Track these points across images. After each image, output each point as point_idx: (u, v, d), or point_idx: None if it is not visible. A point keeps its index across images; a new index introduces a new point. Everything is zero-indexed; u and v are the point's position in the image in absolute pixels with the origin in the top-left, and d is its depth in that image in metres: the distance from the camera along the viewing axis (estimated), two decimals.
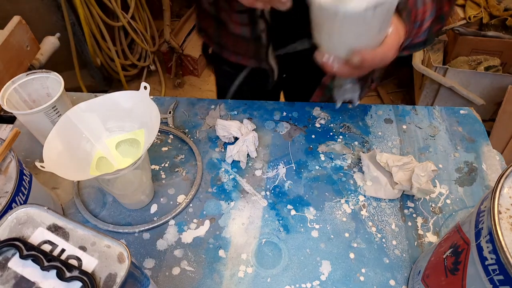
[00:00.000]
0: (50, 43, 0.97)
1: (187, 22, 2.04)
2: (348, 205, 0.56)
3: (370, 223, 0.54)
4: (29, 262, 0.29)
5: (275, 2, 0.38)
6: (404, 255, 0.51)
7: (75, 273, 0.28)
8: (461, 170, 0.61)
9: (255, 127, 0.65)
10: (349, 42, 0.39)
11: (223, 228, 0.54)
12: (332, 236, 0.53)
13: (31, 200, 0.47)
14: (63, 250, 0.30)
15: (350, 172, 0.60)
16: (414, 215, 0.55)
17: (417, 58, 1.61)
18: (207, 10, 0.67)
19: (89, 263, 0.29)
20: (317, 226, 0.54)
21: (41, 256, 0.29)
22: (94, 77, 1.78)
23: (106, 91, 1.39)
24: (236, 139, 0.63)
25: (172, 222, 0.55)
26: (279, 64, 0.67)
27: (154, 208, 0.57)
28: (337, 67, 0.41)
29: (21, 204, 0.44)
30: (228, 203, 0.57)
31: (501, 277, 0.30)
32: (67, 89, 0.59)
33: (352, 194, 0.58)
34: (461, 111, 0.69)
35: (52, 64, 0.88)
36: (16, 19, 0.79)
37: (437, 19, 0.49)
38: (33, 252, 0.29)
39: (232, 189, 0.58)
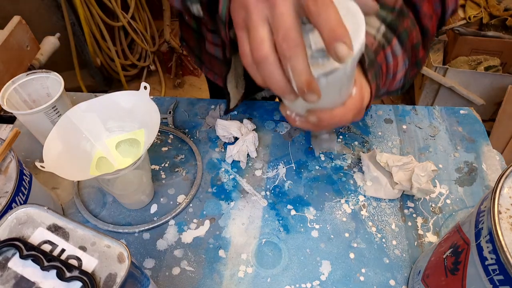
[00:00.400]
0: (50, 43, 0.97)
1: None
2: (348, 205, 0.56)
3: (370, 223, 0.54)
4: (29, 262, 0.29)
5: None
6: (404, 255, 0.52)
7: (75, 273, 0.28)
8: (461, 170, 0.61)
9: (255, 127, 0.65)
10: (306, 104, 0.38)
11: (223, 228, 0.54)
12: (332, 236, 0.53)
13: (31, 200, 0.47)
14: (63, 250, 0.30)
15: (350, 172, 0.60)
16: (414, 215, 0.55)
17: None
18: (189, 23, 0.64)
19: (89, 263, 0.29)
20: (317, 226, 0.54)
21: (41, 256, 0.29)
22: (94, 77, 1.78)
23: (106, 91, 1.39)
24: (236, 139, 0.63)
25: (172, 222, 0.55)
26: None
27: (154, 208, 0.57)
28: (299, 122, 0.41)
29: (21, 204, 0.44)
30: (228, 203, 0.57)
31: (501, 277, 0.30)
32: (67, 89, 0.59)
33: (352, 194, 0.58)
34: (461, 111, 0.69)
35: (52, 64, 0.88)
36: (16, 19, 0.79)
37: (412, 65, 0.48)
38: (33, 252, 0.29)
39: (232, 189, 0.58)
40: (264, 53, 0.30)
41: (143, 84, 0.49)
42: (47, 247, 0.30)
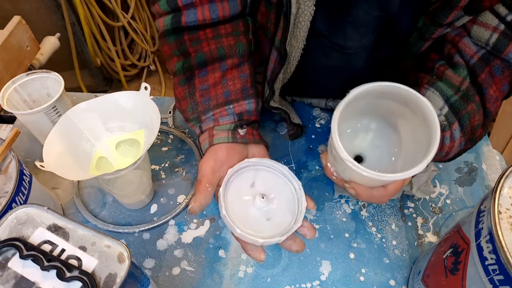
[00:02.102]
0: (50, 43, 0.97)
1: None
2: (348, 205, 0.56)
3: (370, 223, 0.54)
4: (29, 262, 0.29)
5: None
6: (404, 255, 0.51)
7: (75, 273, 0.28)
8: (461, 170, 0.61)
9: None
10: (350, 177, 0.39)
11: (223, 228, 0.54)
12: (332, 236, 0.53)
13: (31, 200, 0.47)
14: (63, 250, 0.30)
15: None
16: (414, 215, 0.55)
17: None
18: None
19: (89, 263, 0.29)
20: (317, 226, 0.54)
21: (41, 256, 0.29)
22: (94, 77, 1.78)
23: (106, 91, 1.38)
24: None
25: (172, 222, 0.55)
26: None
27: (154, 208, 0.57)
28: (336, 179, 0.41)
29: (21, 204, 0.44)
30: None
31: (501, 277, 0.30)
32: (67, 89, 0.59)
33: None
34: None
35: (52, 64, 0.88)
36: (16, 19, 0.78)
37: (467, 142, 0.45)
38: (33, 252, 0.29)
39: None
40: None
41: (143, 84, 0.49)
42: (47, 247, 0.30)
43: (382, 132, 0.42)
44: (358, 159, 0.43)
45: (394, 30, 0.46)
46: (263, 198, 0.41)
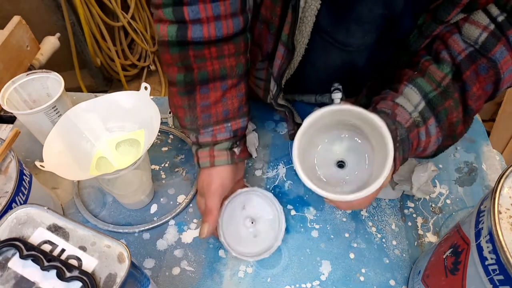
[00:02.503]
0: (50, 43, 0.97)
1: None
2: None
3: (370, 223, 0.54)
4: (29, 262, 0.29)
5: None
6: (404, 255, 0.51)
7: (75, 273, 0.28)
8: (461, 170, 0.61)
9: (255, 127, 0.65)
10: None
11: None
12: (332, 236, 0.53)
13: (31, 200, 0.47)
14: (63, 250, 0.30)
15: None
16: (414, 215, 0.55)
17: None
18: None
19: (89, 263, 0.29)
20: (317, 226, 0.54)
21: (41, 256, 0.29)
22: (94, 77, 1.78)
23: (106, 91, 1.38)
24: None
25: (172, 222, 0.55)
26: None
27: (154, 208, 0.57)
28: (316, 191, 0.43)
29: (21, 204, 0.44)
30: None
31: (501, 277, 0.30)
32: (67, 89, 0.59)
33: None
34: None
35: (52, 64, 0.88)
36: (16, 19, 0.78)
37: (447, 138, 0.45)
38: (33, 252, 0.29)
39: None
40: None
41: (143, 84, 0.49)
42: (47, 247, 0.30)
43: (354, 140, 0.44)
44: (341, 165, 0.44)
45: (396, 29, 0.46)
46: (252, 223, 0.51)
